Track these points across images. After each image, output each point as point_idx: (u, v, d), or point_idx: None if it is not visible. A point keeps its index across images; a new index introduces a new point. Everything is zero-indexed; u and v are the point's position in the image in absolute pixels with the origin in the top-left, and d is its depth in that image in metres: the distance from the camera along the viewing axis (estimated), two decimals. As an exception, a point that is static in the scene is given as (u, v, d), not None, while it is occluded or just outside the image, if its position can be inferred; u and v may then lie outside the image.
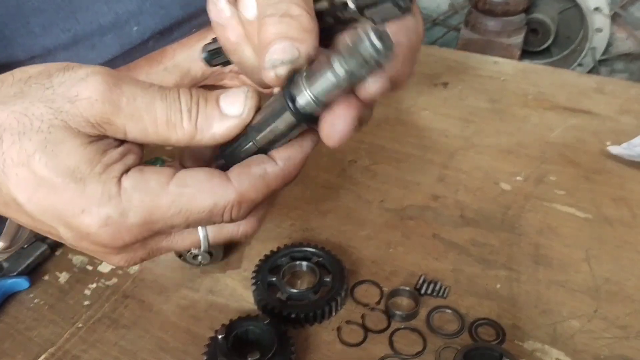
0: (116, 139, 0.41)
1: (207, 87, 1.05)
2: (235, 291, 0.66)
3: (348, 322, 0.63)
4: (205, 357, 0.56)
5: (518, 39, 1.64)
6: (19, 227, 0.67)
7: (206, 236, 0.45)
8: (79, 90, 0.39)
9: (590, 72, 1.66)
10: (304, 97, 0.38)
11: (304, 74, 0.38)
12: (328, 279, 0.65)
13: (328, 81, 0.36)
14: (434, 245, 0.72)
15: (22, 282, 0.66)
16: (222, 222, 0.43)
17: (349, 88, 0.37)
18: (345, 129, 0.39)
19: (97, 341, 0.61)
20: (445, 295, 0.65)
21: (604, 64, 1.50)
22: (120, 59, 0.83)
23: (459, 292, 0.66)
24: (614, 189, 0.81)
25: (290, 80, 0.38)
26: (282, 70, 0.38)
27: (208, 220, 0.42)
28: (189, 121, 0.41)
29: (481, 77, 1.07)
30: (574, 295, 0.65)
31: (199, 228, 0.45)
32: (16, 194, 0.39)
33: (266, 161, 0.42)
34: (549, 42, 1.73)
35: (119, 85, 0.40)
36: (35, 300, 0.65)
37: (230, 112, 0.41)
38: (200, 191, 0.41)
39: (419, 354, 0.59)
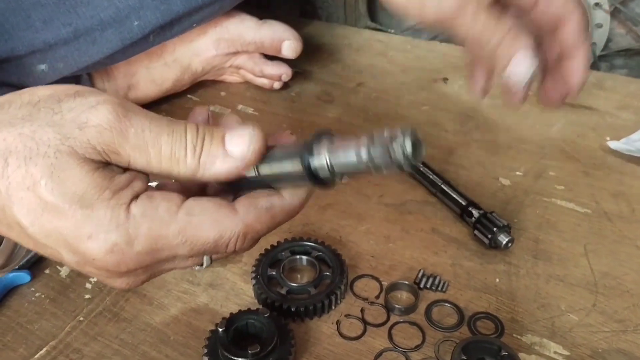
0: (119, 167, 0.41)
1: (208, 82, 1.05)
2: (236, 285, 0.67)
3: (347, 315, 0.63)
4: (205, 350, 0.56)
5: (518, 34, 1.64)
6: (16, 245, 0.67)
7: (209, 258, 0.46)
8: (89, 117, 0.40)
9: (590, 67, 1.66)
10: (321, 161, 0.39)
11: (331, 140, 0.39)
12: (328, 273, 0.65)
13: (349, 159, 0.38)
14: (433, 240, 0.72)
15: (24, 276, 0.66)
16: (225, 252, 0.44)
17: (366, 172, 0.38)
18: None
19: (98, 334, 0.61)
20: (444, 289, 0.65)
21: (603, 59, 1.50)
22: (121, 54, 0.83)
23: (458, 286, 0.66)
24: (613, 184, 0.81)
25: (316, 138, 0.39)
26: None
27: (212, 250, 0.43)
28: (192, 157, 0.41)
29: (481, 72, 1.07)
30: (573, 290, 0.65)
31: None
32: (20, 217, 0.39)
33: (273, 194, 0.43)
34: (549, 37, 1.73)
35: (129, 117, 0.40)
36: (37, 294, 0.66)
37: (234, 152, 0.42)
38: (208, 221, 0.41)
39: (418, 347, 0.59)
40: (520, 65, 0.52)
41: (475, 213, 0.70)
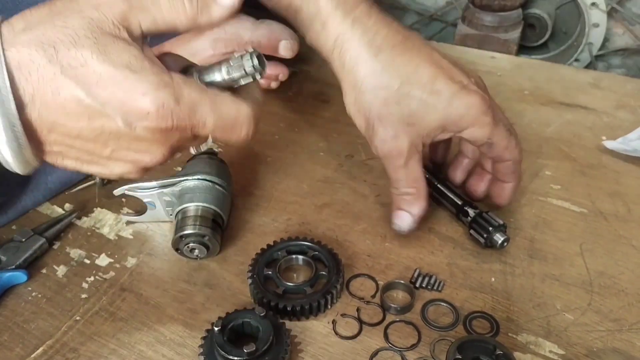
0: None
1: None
2: (232, 284, 0.67)
3: (343, 315, 0.63)
4: (201, 350, 0.56)
5: (515, 34, 1.65)
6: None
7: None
8: None
9: (586, 67, 1.66)
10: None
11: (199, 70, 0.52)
12: (324, 273, 0.65)
13: (215, 77, 0.51)
14: (429, 239, 0.72)
15: (20, 276, 0.66)
16: (239, 137, 0.53)
17: (230, 85, 0.52)
18: None
19: (94, 334, 0.61)
20: (440, 288, 0.66)
21: (600, 59, 1.50)
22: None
23: (453, 286, 0.66)
24: (610, 183, 0.81)
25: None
26: None
27: (231, 126, 0.51)
28: (190, 4, 0.48)
29: (478, 72, 1.07)
30: (568, 289, 0.66)
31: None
32: (77, 92, 0.45)
33: (258, 93, 0.55)
34: (546, 37, 1.73)
35: None
36: (34, 294, 0.66)
37: (224, 2, 0.50)
38: (230, 100, 0.51)
39: (413, 346, 0.60)
40: (403, 222, 0.68)
41: (471, 212, 0.71)
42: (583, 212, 0.76)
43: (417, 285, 0.66)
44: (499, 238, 0.68)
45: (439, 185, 0.76)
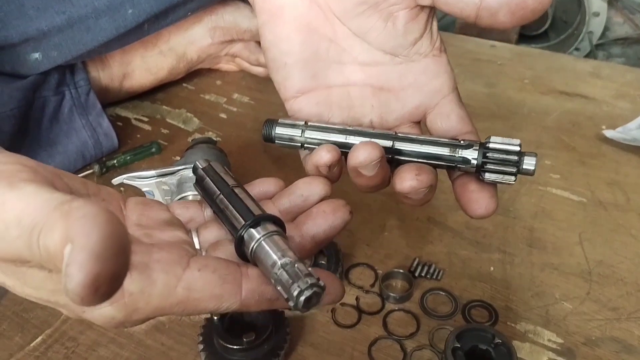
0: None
1: (203, 70, 1.05)
2: (231, 274, 0.67)
3: (342, 304, 0.63)
4: (201, 339, 0.56)
5: (515, 23, 1.64)
6: None
7: None
8: None
9: (587, 56, 1.66)
10: (248, 250, 0.43)
11: (257, 246, 0.42)
12: (323, 262, 0.65)
13: (266, 261, 0.40)
14: (429, 229, 0.72)
15: (19, 265, 0.66)
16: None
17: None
18: None
19: (93, 323, 0.61)
20: (439, 277, 0.66)
21: (600, 48, 1.50)
22: (116, 42, 0.82)
23: (452, 275, 0.66)
24: (609, 172, 0.81)
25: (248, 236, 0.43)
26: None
27: (205, 313, 0.42)
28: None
29: (478, 61, 1.07)
30: (567, 278, 0.66)
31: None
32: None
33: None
34: (546, 26, 1.72)
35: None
36: (32, 283, 0.66)
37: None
38: (208, 297, 0.39)
39: (412, 335, 0.60)
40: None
41: (472, 154, 0.48)
42: (582, 202, 0.76)
43: (416, 274, 0.66)
44: (530, 162, 0.47)
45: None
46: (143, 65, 0.94)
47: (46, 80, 0.81)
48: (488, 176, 0.48)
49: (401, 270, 0.65)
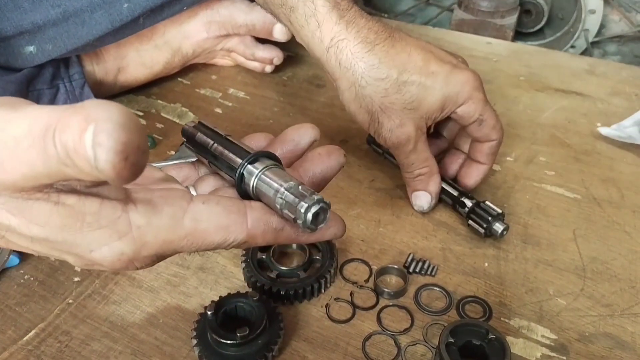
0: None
1: (199, 65, 1.04)
2: (226, 268, 0.67)
3: (337, 299, 0.63)
4: (194, 333, 0.56)
5: (511, 19, 1.64)
6: None
7: None
8: None
9: (582, 53, 1.66)
10: (249, 187, 0.45)
11: (273, 171, 0.44)
12: (318, 257, 0.65)
13: (267, 195, 0.43)
14: (424, 225, 0.72)
15: (13, 259, 0.66)
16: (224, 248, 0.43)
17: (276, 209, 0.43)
18: None
19: (87, 317, 0.61)
20: (433, 273, 0.66)
21: (596, 45, 1.50)
22: (111, 36, 0.82)
23: (447, 271, 0.66)
24: (604, 169, 0.81)
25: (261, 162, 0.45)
26: None
27: (213, 249, 0.43)
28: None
29: (474, 57, 1.07)
30: (561, 274, 0.66)
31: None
32: (19, 245, 0.39)
33: (288, 221, 0.43)
34: (542, 23, 1.72)
35: None
36: (26, 277, 0.65)
37: None
38: (214, 228, 0.40)
39: (406, 330, 0.60)
40: (423, 201, 0.72)
41: (468, 203, 0.70)
42: (577, 198, 0.76)
43: (411, 270, 0.66)
44: (498, 227, 0.68)
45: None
46: (138, 59, 0.93)
47: (40, 73, 0.81)
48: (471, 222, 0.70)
49: (395, 266, 0.65)
